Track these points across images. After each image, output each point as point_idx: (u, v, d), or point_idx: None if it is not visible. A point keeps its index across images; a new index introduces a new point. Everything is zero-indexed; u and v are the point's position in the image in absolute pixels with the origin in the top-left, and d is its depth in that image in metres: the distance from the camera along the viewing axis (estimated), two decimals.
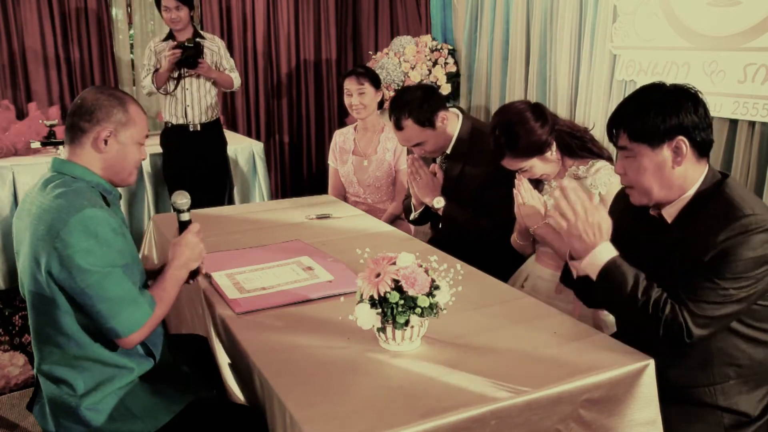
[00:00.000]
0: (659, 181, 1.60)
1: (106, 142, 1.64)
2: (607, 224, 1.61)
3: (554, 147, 2.17)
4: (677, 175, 1.59)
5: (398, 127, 2.59)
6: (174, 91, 3.97)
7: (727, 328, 1.58)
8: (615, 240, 1.78)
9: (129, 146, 1.68)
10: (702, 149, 1.60)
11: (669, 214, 1.65)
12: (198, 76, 3.97)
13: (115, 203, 1.70)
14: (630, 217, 1.73)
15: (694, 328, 1.50)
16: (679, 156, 1.57)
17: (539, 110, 2.17)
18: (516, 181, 2.20)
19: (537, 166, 2.17)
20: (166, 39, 3.99)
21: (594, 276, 1.61)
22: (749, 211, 1.51)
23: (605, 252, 1.59)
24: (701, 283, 1.51)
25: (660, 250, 1.62)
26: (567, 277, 1.82)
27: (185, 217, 1.80)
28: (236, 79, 4.12)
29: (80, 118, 1.64)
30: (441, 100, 2.65)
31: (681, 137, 1.56)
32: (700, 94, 1.60)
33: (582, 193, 1.61)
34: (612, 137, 1.67)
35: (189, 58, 3.83)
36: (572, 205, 1.60)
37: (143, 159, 1.75)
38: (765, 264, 1.49)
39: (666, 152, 1.58)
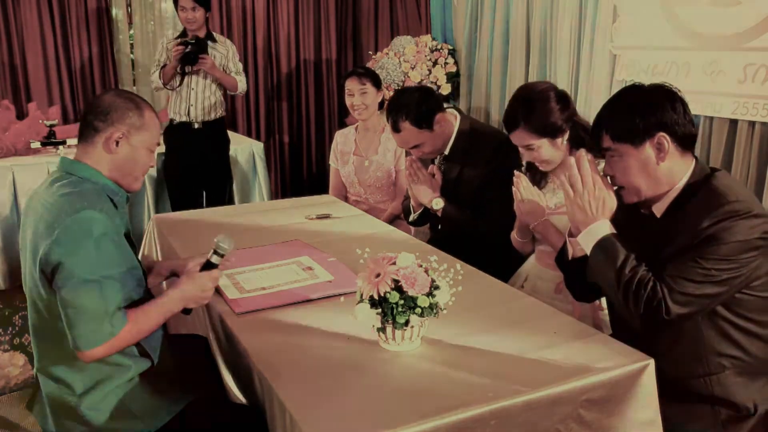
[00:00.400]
0: (646, 178, 1.64)
1: (117, 143, 1.64)
2: (611, 203, 1.66)
3: (566, 136, 2.16)
4: (663, 171, 1.63)
5: (396, 129, 2.59)
6: (179, 87, 3.99)
7: (716, 315, 1.59)
8: None
9: (140, 150, 1.68)
10: (684, 143, 1.63)
11: (658, 209, 1.68)
12: (205, 77, 3.98)
13: (122, 205, 1.70)
14: (623, 218, 1.77)
15: (672, 304, 1.51)
16: (662, 152, 1.61)
17: (562, 95, 2.18)
18: (515, 179, 2.20)
19: (545, 148, 2.15)
20: (179, 37, 4.02)
21: (588, 250, 1.65)
22: (733, 198, 1.54)
23: (604, 228, 1.64)
24: (684, 262, 1.53)
25: (651, 246, 1.65)
26: (561, 259, 1.85)
27: (216, 260, 1.74)
28: (241, 83, 4.12)
29: (95, 117, 1.65)
30: (438, 102, 2.65)
31: (661, 133, 1.60)
32: (677, 91, 1.65)
33: (595, 167, 1.66)
34: (597, 142, 1.70)
35: (190, 54, 3.85)
36: (583, 175, 1.65)
37: (152, 166, 1.75)
38: (751, 250, 1.51)
39: (649, 149, 1.62)
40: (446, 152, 2.66)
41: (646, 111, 1.61)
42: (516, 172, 2.21)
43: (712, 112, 3.26)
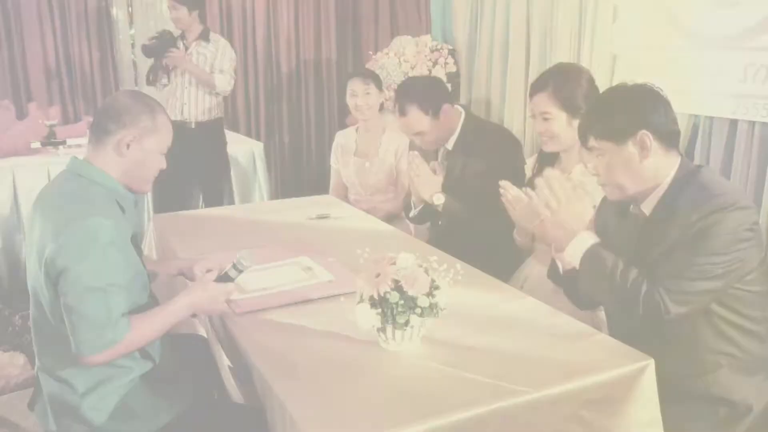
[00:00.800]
0: (630, 176, 1.66)
1: (128, 146, 1.63)
2: (588, 213, 1.69)
3: None
4: (647, 168, 1.64)
5: (402, 112, 2.62)
6: (155, 82, 4.01)
7: (710, 312, 1.60)
8: (602, 240, 1.81)
9: (151, 154, 1.68)
10: (668, 141, 1.65)
11: (647, 207, 1.70)
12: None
13: (130, 209, 1.70)
14: (613, 218, 1.79)
15: (671, 304, 1.52)
16: (644, 149, 1.63)
17: (595, 84, 2.23)
18: (501, 190, 2.19)
19: (560, 121, 2.16)
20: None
21: (577, 263, 1.67)
22: (720, 191, 1.56)
23: (587, 239, 1.67)
24: (678, 260, 1.55)
25: (642, 244, 1.66)
26: (554, 274, 1.87)
27: (234, 274, 1.73)
28: (221, 82, 4.01)
29: (107, 119, 1.64)
30: (447, 93, 2.71)
31: (643, 131, 1.62)
32: (660, 91, 1.68)
33: (565, 183, 1.69)
34: (583, 142, 1.73)
35: (152, 47, 3.88)
36: (556, 192, 1.68)
37: (163, 168, 1.74)
38: (741, 242, 1.53)
39: (632, 147, 1.64)
40: (450, 147, 2.68)
41: (628, 110, 1.65)
42: (501, 183, 2.20)
43: (712, 112, 3.25)
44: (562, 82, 2.16)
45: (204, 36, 4.01)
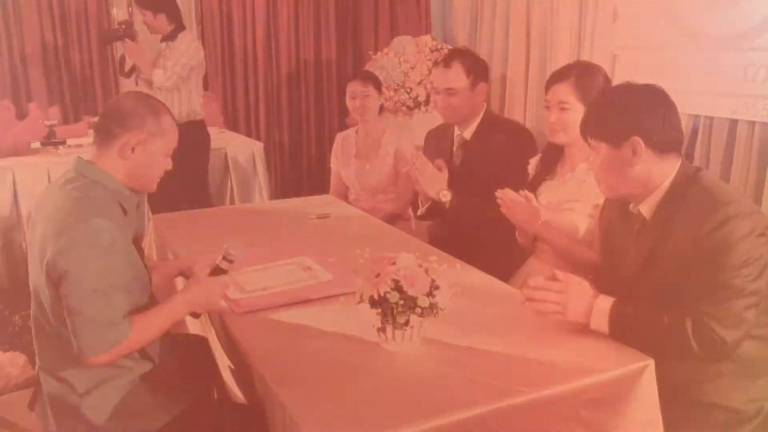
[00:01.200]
0: (620, 178, 1.65)
1: (133, 150, 1.63)
2: (587, 287, 1.63)
3: None
4: (638, 173, 1.63)
5: (446, 64, 2.71)
6: (127, 74, 4.06)
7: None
8: (605, 242, 1.83)
9: (156, 156, 1.68)
10: (663, 147, 1.62)
11: (646, 210, 1.68)
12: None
13: (132, 211, 1.70)
14: (618, 217, 1.78)
15: (724, 330, 1.49)
16: (635, 155, 1.61)
17: (609, 84, 2.25)
18: (498, 200, 2.18)
19: (576, 113, 2.15)
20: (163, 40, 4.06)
21: (607, 330, 1.61)
22: (727, 198, 1.53)
23: (603, 308, 1.60)
24: (709, 284, 1.51)
25: (643, 249, 1.65)
26: None
27: (225, 265, 1.73)
28: (157, 76, 3.94)
29: (112, 123, 1.64)
30: (488, 79, 2.82)
31: (636, 137, 1.60)
32: (664, 93, 1.63)
33: (550, 284, 1.63)
34: (584, 138, 1.73)
35: (107, 36, 4.03)
36: (549, 299, 1.62)
37: (168, 169, 1.74)
38: (758, 247, 1.51)
39: (624, 151, 1.62)
40: (468, 137, 2.72)
41: (624, 114, 1.62)
42: (498, 193, 2.20)
43: (712, 112, 3.26)
44: (583, 74, 2.17)
45: (171, 36, 4.01)
